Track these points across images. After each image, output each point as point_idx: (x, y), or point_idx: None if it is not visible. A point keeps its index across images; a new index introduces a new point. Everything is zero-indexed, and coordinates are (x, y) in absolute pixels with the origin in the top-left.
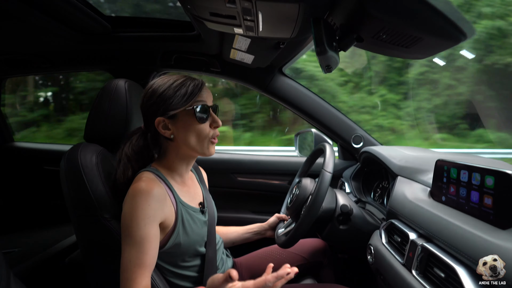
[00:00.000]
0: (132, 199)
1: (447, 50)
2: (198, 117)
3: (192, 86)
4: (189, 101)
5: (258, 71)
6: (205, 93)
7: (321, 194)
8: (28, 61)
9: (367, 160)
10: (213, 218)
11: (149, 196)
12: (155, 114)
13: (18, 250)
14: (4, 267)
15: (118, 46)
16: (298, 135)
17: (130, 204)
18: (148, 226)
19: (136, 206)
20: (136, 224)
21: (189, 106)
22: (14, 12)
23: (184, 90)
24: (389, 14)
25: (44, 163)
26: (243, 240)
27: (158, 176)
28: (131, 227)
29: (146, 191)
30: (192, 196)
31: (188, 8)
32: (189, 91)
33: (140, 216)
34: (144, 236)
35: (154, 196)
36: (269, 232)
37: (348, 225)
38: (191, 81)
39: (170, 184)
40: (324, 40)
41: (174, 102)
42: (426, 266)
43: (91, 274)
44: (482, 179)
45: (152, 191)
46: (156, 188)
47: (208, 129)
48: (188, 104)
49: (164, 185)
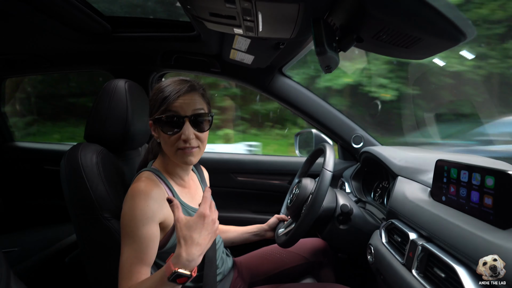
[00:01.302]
0: (132, 199)
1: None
2: (162, 128)
3: (169, 92)
4: (159, 109)
5: (258, 72)
6: (182, 102)
7: (322, 192)
8: (28, 61)
9: (367, 160)
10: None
11: (148, 197)
12: (149, 115)
13: (18, 249)
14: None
15: (118, 47)
16: (298, 135)
17: (129, 204)
18: (147, 226)
19: (135, 207)
20: (134, 224)
21: (158, 114)
22: (14, 12)
23: (161, 96)
24: (389, 15)
25: (44, 162)
26: (242, 240)
27: (158, 176)
28: (130, 227)
29: (145, 192)
30: (192, 196)
31: (188, 9)
32: (162, 98)
33: (138, 216)
34: (142, 236)
35: (153, 197)
36: (268, 233)
37: (348, 225)
38: (175, 87)
39: (170, 185)
40: (324, 40)
41: (153, 108)
42: (426, 266)
43: (91, 273)
44: (482, 179)
45: (151, 192)
46: (155, 189)
47: (175, 140)
48: (159, 111)
49: (164, 185)
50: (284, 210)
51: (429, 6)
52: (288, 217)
